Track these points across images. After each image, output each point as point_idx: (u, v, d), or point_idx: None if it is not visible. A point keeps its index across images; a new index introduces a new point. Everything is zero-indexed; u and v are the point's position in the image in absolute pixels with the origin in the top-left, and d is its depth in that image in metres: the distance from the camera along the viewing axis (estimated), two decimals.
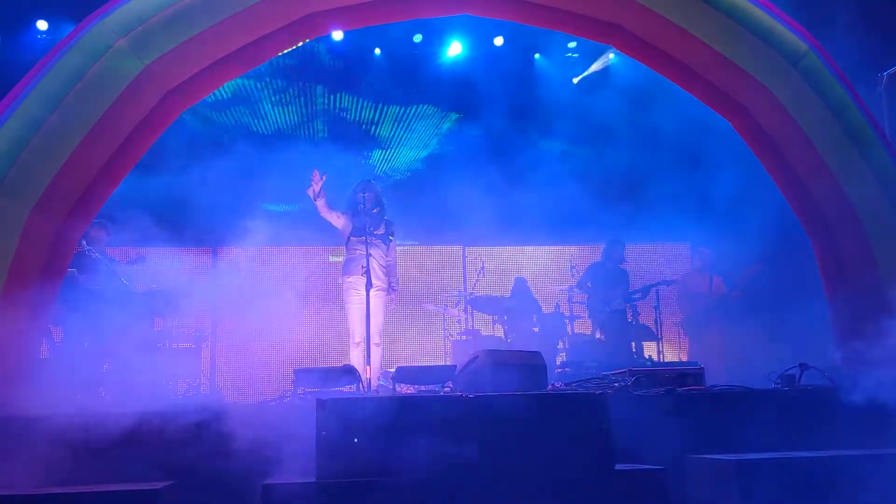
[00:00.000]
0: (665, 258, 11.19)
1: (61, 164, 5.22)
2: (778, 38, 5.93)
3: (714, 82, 6.29)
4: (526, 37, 10.56)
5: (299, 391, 5.01)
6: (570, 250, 10.28)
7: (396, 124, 10.99)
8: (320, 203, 6.65)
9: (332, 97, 10.78)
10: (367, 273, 6.06)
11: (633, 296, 8.83)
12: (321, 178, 6.60)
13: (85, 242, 6.90)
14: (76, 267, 6.67)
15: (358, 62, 10.59)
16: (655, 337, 9.07)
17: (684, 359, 9.38)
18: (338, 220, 6.74)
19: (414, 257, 10.83)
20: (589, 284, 8.94)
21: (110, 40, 5.35)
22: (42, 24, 9.36)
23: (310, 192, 6.60)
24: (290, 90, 10.62)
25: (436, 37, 10.46)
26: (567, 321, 9.24)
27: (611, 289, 8.74)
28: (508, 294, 9.58)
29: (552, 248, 10.94)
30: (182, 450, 4.29)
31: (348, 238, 6.59)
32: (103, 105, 5.35)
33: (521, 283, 9.58)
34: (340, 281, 6.60)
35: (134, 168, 5.94)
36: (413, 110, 10.88)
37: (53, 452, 4.25)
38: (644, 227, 10.27)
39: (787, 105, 6.01)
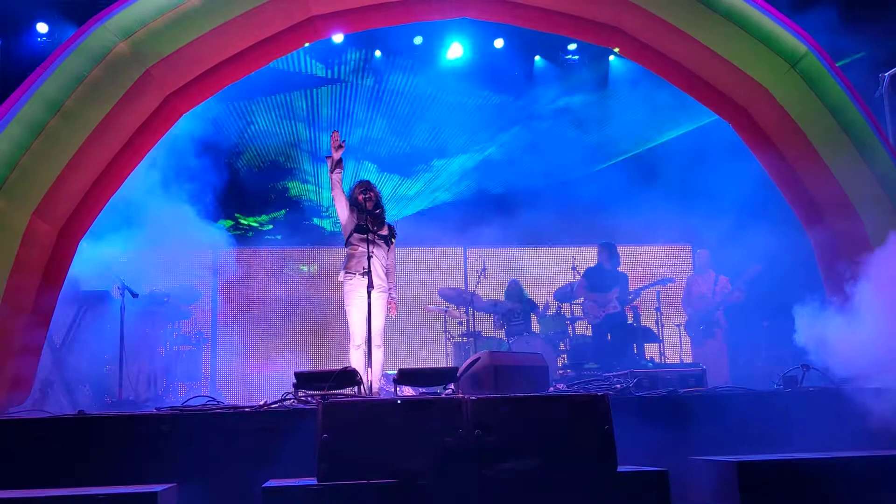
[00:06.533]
0: (666, 260, 11.19)
1: (62, 168, 5.22)
2: (776, 40, 5.94)
3: (713, 84, 6.30)
4: (526, 39, 10.57)
5: (300, 394, 5.00)
6: (572, 252, 10.28)
7: None
8: (336, 176, 6.39)
9: None
10: (369, 273, 6.01)
11: (628, 298, 8.82)
12: (340, 144, 6.42)
13: (86, 245, 6.90)
14: (77, 270, 6.67)
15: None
16: (657, 338, 9.07)
17: (686, 360, 9.37)
18: (344, 210, 6.50)
19: (415, 258, 10.84)
20: (586, 289, 8.93)
21: (111, 43, 5.35)
22: (42, 27, 9.37)
23: (328, 162, 6.41)
24: None
25: (436, 39, 10.47)
26: (568, 323, 9.24)
27: (605, 293, 8.73)
28: (502, 298, 9.57)
29: (554, 249, 10.95)
30: (182, 452, 4.28)
31: (350, 235, 6.51)
32: (104, 108, 5.35)
33: (514, 285, 9.59)
34: (340, 279, 6.50)
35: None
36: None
37: (52, 453, 4.25)
38: (645, 228, 10.29)
39: (786, 106, 6.01)
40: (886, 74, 7.30)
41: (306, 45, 6.35)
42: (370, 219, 6.43)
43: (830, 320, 5.25)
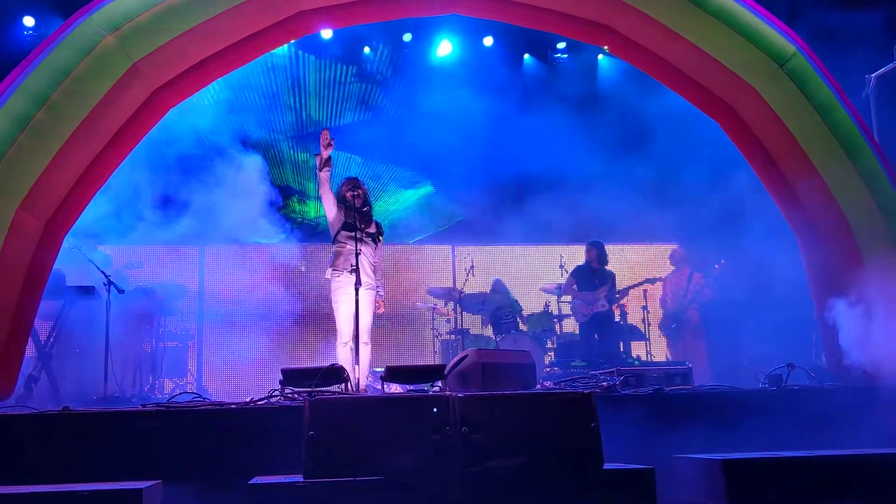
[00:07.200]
0: (654, 259, 11.20)
1: (48, 162, 5.18)
2: (765, 39, 5.96)
3: (701, 82, 6.32)
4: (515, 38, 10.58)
5: (287, 391, 4.99)
6: (560, 249, 10.28)
7: None
8: (324, 175, 6.36)
9: None
10: (357, 271, 6.01)
11: (615, 297, 8.85)
12: (330, 143, 6.40)
13: (72, 239, 6.85)
14: (62, 265, 6.62)
15: None
16: (644, 337, 9.10)
17: (672, 358, 9.40)
18: (332, 208, 6.48)
19: (404, 256, 10.82)
20: (574, 287, 8.96)
21: (98, 37, 5.31)
22: (29, 21, 9.30)
23: (317, 160, 6.38)
24: None
25: (425, 36, 10.46)
26: (556, 321, 9.25)
27: (592, 291, 8.75)
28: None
29: (542, 247, 10.95)
30: (167, 449, 4.26)
31: (337, 232, 6.50)
32: (91, 102, 5.31)
33: (498, 284, 9.61)
34: (328, 276, 6.48)
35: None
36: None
37: (37, 450, 4.22)
38: (633, 227, 10.30)
39: (774, 105, 6.04)
40: (873, 75, 7.36)
41: (294, 39, 6.31)
42: (358, 216, 6.42)
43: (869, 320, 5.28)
